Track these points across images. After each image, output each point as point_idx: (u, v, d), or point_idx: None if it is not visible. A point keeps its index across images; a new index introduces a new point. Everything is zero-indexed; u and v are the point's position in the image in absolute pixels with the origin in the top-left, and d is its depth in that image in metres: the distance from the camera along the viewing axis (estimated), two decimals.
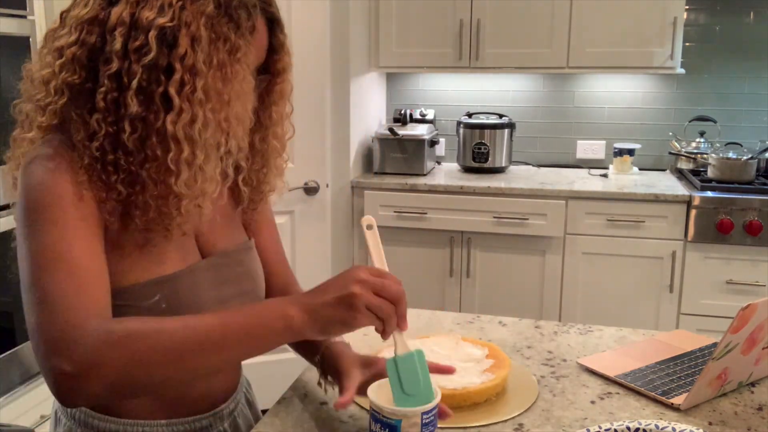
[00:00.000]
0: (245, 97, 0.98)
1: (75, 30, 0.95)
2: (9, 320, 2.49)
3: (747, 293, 2.96)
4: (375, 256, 1.02)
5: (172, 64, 0.91)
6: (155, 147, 0.93)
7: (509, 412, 1.14)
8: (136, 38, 0.91)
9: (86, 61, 0.94)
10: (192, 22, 0.92)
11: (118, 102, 0.92)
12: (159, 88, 0.91)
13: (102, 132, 0.92)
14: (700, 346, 1.40)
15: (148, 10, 0.91)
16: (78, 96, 0.94)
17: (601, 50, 3.20)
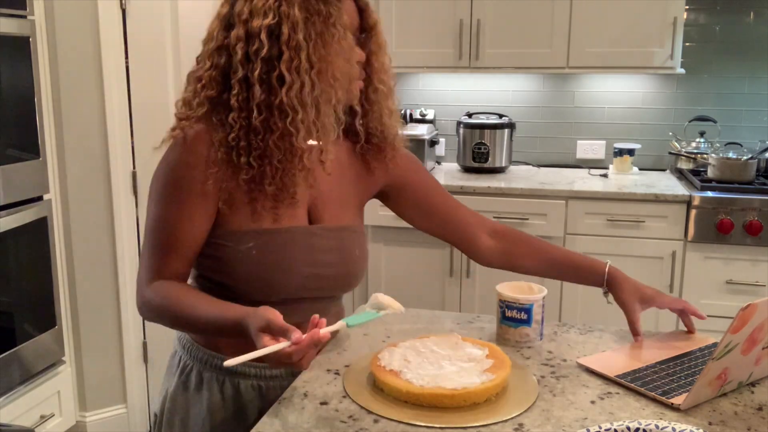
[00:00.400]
0: (346, 52, 1.20)
1: (207, 60, 1.21)
2: (9, 320, 2.49)
3: (747, 293, 2.96)
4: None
5: (280, 49, 1.14)
6: (276, 121, 1.16)
7: (509, 412, 1.14)
8: (252, 44, 1.16)
9: (220, 78, 1.19)
10: (289, 11, 1.15)
11: (247, 98, 1.16)
12: (274, 72, 1.15)
13: (237, 125, 1.17)
14: (699, 346, 1.40)
15: (256, 19, 1.15)
16: (216, 105, 1.20)
17: (601, 50, 3.20)
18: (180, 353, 1.36)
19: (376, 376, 1.21)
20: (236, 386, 1.29)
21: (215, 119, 1.19)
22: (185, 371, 1.33)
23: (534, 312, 1.40)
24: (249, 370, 1.29)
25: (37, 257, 2.60)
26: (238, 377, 1.29)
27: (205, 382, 1.30)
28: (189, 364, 1.32)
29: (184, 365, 1.33)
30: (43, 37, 2.59)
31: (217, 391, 1.29)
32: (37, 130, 2.54)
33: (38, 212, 2.56)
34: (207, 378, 1.30)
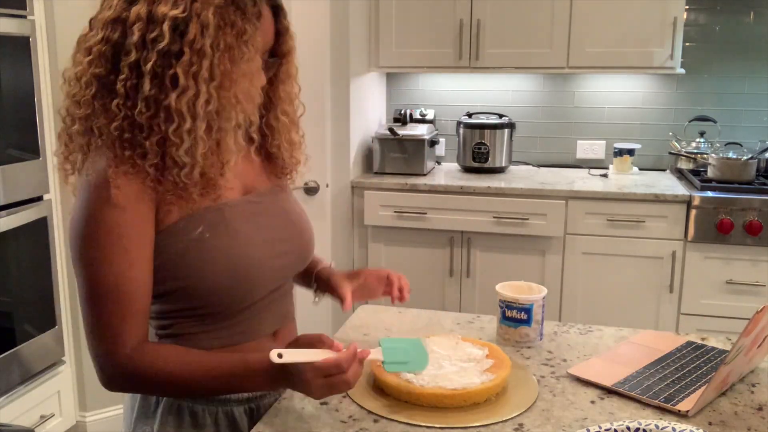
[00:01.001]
0: (252, 75, 1.11)
1: (101, 30, 1.07)
2: (9, 320, 2.49)
3: (747, 293, 2.96)
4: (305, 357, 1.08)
5: (182, 48, 1.04)
6: (161, 122, 1.05)
7: (509, 412, 1.14)
8: (152, 30, 1.03)
9: (110, 55, 1.06)
10: (202, 12, 1.04)
11: (136, 87, 1.05)
12: (170, 70, 1.04)
13: (121, 114, 1.05)
14: (677, 346, 1.40)
15: (163, 5, 1.04)
16: (103, 86, 1.07)
17: (601, 50, 3.20)
18: None
19: (376, 376, 1.21)
20: (230, 415, 1.21)
21: (97, 104, 1.07)
22: (170, 410, 1.20)
23: (534, 312, 1.40)
24: (241, 395, 1.21)
25: (37, 257, 2.60)
26: (232, 404, 1.21)
27: (199, 417, 1.19)
28: (173, 402, 1.20)
29: (168, 404, 1.20)
30: (43, 37, 2.59)
31: (212, 425, 1.20)
32: (37, 130, 2.54)
33: (38, 212, 2.56)
34: (199, 413, 1.20)
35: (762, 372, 1.30)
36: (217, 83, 1.06)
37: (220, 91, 1.07)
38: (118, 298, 1.07)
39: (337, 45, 3.12)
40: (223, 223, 1.14)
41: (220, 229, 1.13)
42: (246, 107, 1.11)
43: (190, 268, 1.11)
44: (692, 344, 1.42)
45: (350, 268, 3.37)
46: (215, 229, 1.13)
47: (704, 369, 1.30)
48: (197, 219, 1.12)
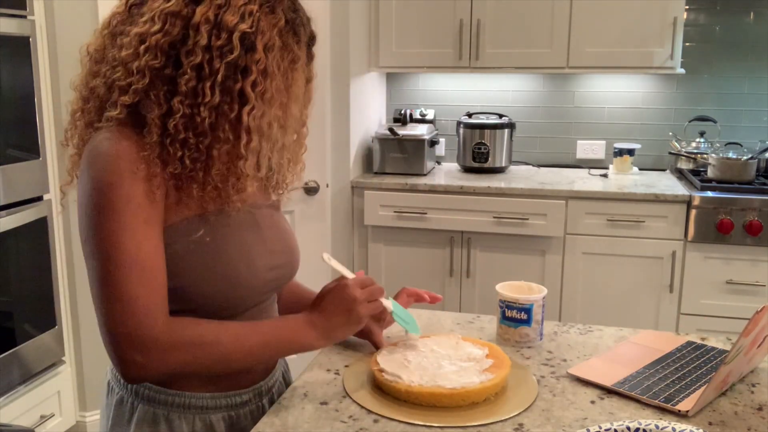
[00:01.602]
0: (299, 101, 1.16)
1: (158, 20, 1.05)
2: (9, 320, 2.49)
3: (747, 293, 2.96)
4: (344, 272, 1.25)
5: (248, 65, 1.06)
6: (228, 132, 1.07)
7: (509, 411, 1.14)
8: (219, 37, 1.04)
9: (168, 49, 1.05)
10: (267, 31, 1.07)
11: (196, 89, 1.05)
12: (237, 84, 1.06)
13: (180, 113, 1.05)
14: (677, 346, 1.40)
15: (230, 14, 1.05)
16: (157, 79, 1.06)
17: (601, 50, 3.20)
18: (129, 399, 1.18)
19: (376, 375, 1.21)
20: (208, 423, 1.18)
21: (153, 95, 1.06)
22: (145, 418, 1.16)
23: (534, 312, 1.40)
24: (220, 401, 1.19)
25: (37, 257, 2.60)
26: (209, 412, 1.18)
27: (175, 426, 1.16)
28: (148, 410, 1.16)
29: (143, 412, 1.17)
30: (43, 37, 2.59)
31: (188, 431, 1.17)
32: (37, 130, 2.54)
33: (38, 212, 2.56)
34: (176, 421, 1.16)
35: (762, 372, 1.30)
36: (277, 105, 1.10)
37: (277, 112, 1.11)
38: (143, 269, 1.04)
39: (337, 45, 3.12)
40: (225, 229, 1.14)
41: (221, 234, 1.13)
42: (291, 132, 1.17)
43: (187, 270, 1.10)
44: (692, 344, 1.42)
45: (350, 268, 3.37)
46: (216, 234, 1.13)
47: (704, 369, 1.30)
48: (200, 222, 1.12)
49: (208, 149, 1.07)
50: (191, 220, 1.11)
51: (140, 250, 1.04)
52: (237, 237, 1.16)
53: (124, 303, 1.04)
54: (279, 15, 1.09)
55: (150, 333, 1.04)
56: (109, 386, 1.23)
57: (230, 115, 1.06)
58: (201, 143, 1.07)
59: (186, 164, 1.07)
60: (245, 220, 1.18)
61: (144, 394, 1.16)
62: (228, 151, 1.08)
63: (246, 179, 1.11)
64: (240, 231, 1.17)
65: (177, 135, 1.05)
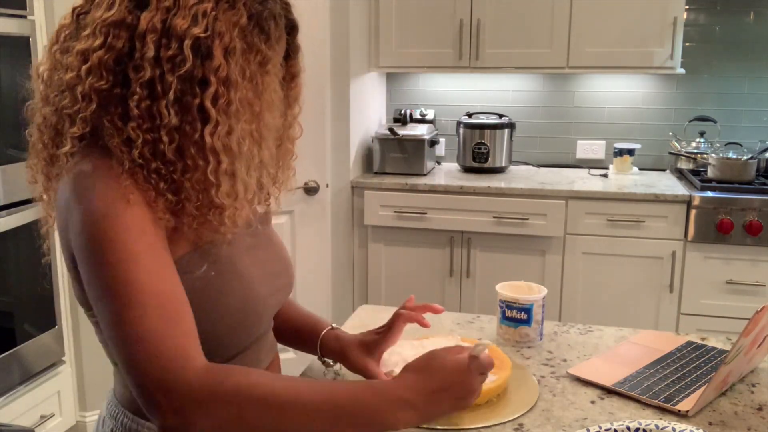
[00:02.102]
0: (274, 107, 0.99)
1: (100, 33, 0.91)
2: (9, 320, 2.49)
3: (747, 293, 2.96)
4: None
5: (206, 75, 0.90)
6: (195, 157, 0.91)
7: (511, 413, 1.14)
8: (168, 47, 0.89)
9: (114, 65, 0.91)
10: (225, 33, 0.91)
11: (151, 110, 0.90)
12: (195, 99, 0.90)
13: (140, 140, 0.90)
14: (677, 346, 1.40)
15: (180, 18, 0.89)
16: (107, 102, 0.92)
17: (601, 50, 3.20)
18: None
19: None
20: None
21: (106, 121, 0.91)
22: None
23: (534, 312, 1.40)
24: None
25: (37, 257, 2.60)
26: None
27: None
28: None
29: None
30: (43, 37, 2.59)
31: None
32: None
33: (38, 212, 2.55)
34: None
35: (762, 372, 1.30)
36: (246, 117, 0.94)
37: (248, 125, 0.94)
38: (161, 302, 0.88)
39: (337, 45, 3.12)
40: (226, 260, 1.01)
41: (223, 266, 1.00)
42: (270, 144, 1.00)
43: (194, 311, 0.93)
44: (692, 344, 1.42)
45: (350, 268, 3.38)
46: (219, 267, 1.00)
47: (704, 369, 1.30)
48: (201, 256, 0.98)
49: (180, 179, 0.92)
50: (192, 254, 0.98)
51: (154, 280, 0.88)
52: (240, 267, 1.03)
53: (146, 344, 0.86)
54: (240, 11, 0.92)
55: (182, 377, 0.85)
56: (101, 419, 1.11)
57: (194, 137, 0.90)
58: (173, 172, 0.92)
59: (169, 199, 0.93)
60: (243, 245, 1.05)
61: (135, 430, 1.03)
62: (198, 179, 0.92)
63: (225, 209, 0.94)
64: (242, 260, 1.04)
65: (148, 164, 0.91)
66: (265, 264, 1.10)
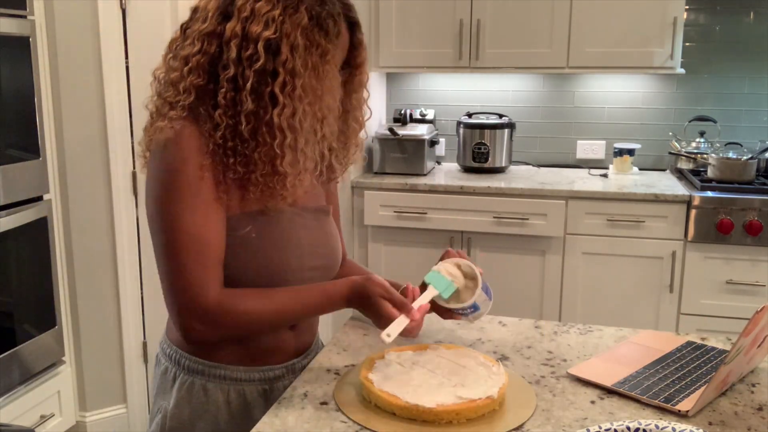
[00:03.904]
0: (334, 91, 1.21)
1: (197, 41, 1.17)
2: (9, 320, 2.49)
3: (747, 293, 2.96)
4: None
5: (276, 68, 1.14)
6: (265, 135, 1.16)
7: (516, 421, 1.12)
8: (247, 48, 1.14)
9: (208, 66, 1.17)
10: (291, 33, 1.14)
11: (234, 100, 1.15)
12: (267, 88, 1.14)
13: (224, 124, 1.16)
14: (677, 346, 1.40)
15: (255, 24, 1.13)
16: (203, 95, 1.17)
17: (601, 50, 3.20)
18: (173, 369, 1.32)
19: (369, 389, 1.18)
20: (242, 393, 1.29)
21: (202, 110, 1.18)
22: (184, 386, 1.29)
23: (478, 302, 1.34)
24: (253, 374, 1.30)
25: (37, 257, 2.60)
26: (243, 384, 1.29)
27: (210, 394, 1.28)
28: (187, 379, 1.29)
29: (183, 381, 1.30)
30: (43, 37, 2.59)
31: (224, 402, 1.29)
32: (37, 130, 2.54)
33: (38, 212, 2.56)
34: (212, 390, 1.28)
35: (762, 372, 1.30)
36: (308, 100, 1.16)
37: (310, 107, 1.17)
38: (201, 248, 1.16)
39: None
40: (270, 228, 1.25)
41: (267, 232, 1.24)
42: (331, 121, 1.22)
43: (232, 261, 1.21)
44: (692, 344, 1.42)
45: None
46: (262, 232, 1.23)
47: (704, 369, 1.30)
48: (248, 219, 1.22)
49: (251, 154, 1.17)
50: (240, 216, 1.22)
51: (200, 229, 1.16)
52: (279, 236, 1.26)
53: (182, 276, 1.16)
54: (302, 13, 1.15)
55: (204, 303, 1.16)
56: (157, 358, 1.37)
57: (265, 118, 1.15)
58: (246, 149, 1.17)
59: (238, 170, 1.18)
60: (291, 222, 1.28)
61: (185, 365, 1.29)
62: (266, 152, 1.16)
63: (287, 177, 1.18)
64: (284, 231, 1.26)
65: (226, 144, 1.16)
66: (308, 244, 1.30)
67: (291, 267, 1.27)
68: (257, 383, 1.30)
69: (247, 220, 1.22)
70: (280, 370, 1.33)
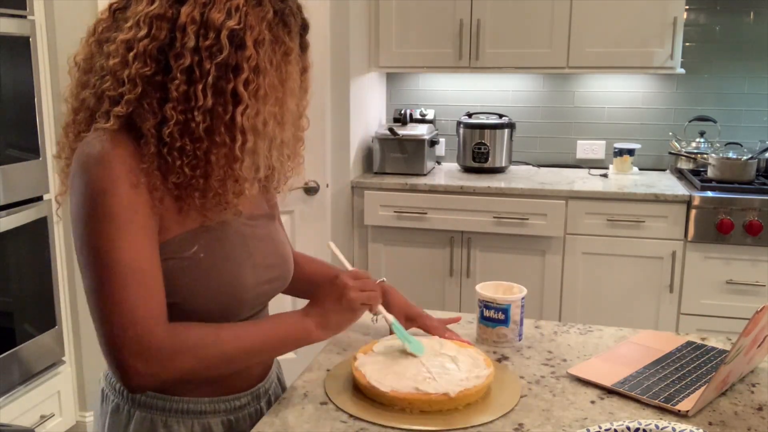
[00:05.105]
0: (295, 94, 1.12)
1: (144, 24, 1.02)
2: (9, 320, 2.49)
3: (747, 293, 2.96)
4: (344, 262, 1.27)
5: (239, 63, 1.02)
6: (223, 136, 1.03)
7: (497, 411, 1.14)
8: (206, 37, 1.01)
9: (156, 54, 1.02)
10: (255, 26, 1.03)
11: (188, 93, 1.01)
12: (229, 84, 1.02)
13: (173, 120, 1.01)
14: (677, 346, 1.41)
15: (216, 11, 1.01)
16: (148, 87, 1.02)
17: (601, 50, 3.20)
18: (125, 406, 1.16)
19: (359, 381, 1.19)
20: (207, 427, 1.16)
21: (146, 104, 1.02)
22: (142, 425, 1.14)
23: (512, 312, 1.40)
24: (219, 405, 1.17)
25: (37, 257, 2.60)
26: (209, 416, 1.17)
27: (173, 431, 1.14)
28: (145, 416, 1.14)
29: (140, 419, 1.14)
30: (43, 37, 2.59)
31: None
32: (37, 130, 2.54)
33: (38, 212, 2.56)
34: (174, 426, 1.14)
35: (762, 372, 1.30)
36: (272, 101, 1.06)
37: (273, 108, 1.06)
38: (141, 279, 1.01)
39: (337, 45, 3.12)
40: (218, 244, 1.11)
41: (214, 250, 1.11)
42: (290, 126, 1.12)
43: (180, 287, 1.07)
44: (692, 344, 1.42)
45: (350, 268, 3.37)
46: (210, 250, 1.10)
47: (704, 369, 1.30)
48: (192, 237, 1.09)
49: (206, 155, 1.03)
50: (185, 236, 1.08)
51: (138, 258, 1.01)
52: (230, 253, 1.13)
53: (123, 311, 1.00)
54: (266, 7, 1.05)
55: (152, 340, 1.01)
56: (104, 393, 1.21)
57: (225, 117, 1.02)
58: (198, 149, 1.03)
59: (185, 172, 1.03)
60: (239, 235, 1.15)
61: (141, 401, 1.14)
62: (225, 154, 1.04)
63: (244, 182, 1.07)
64: (233, 247, 1.13)
65: (174, 143, 1.02)
66: (259, 255, 1.18)
67: (247, 284, 1.14)
68: (222, 414, 1.18)
69: (191, 239, 1.08)
70: (245, 398, 1.21)
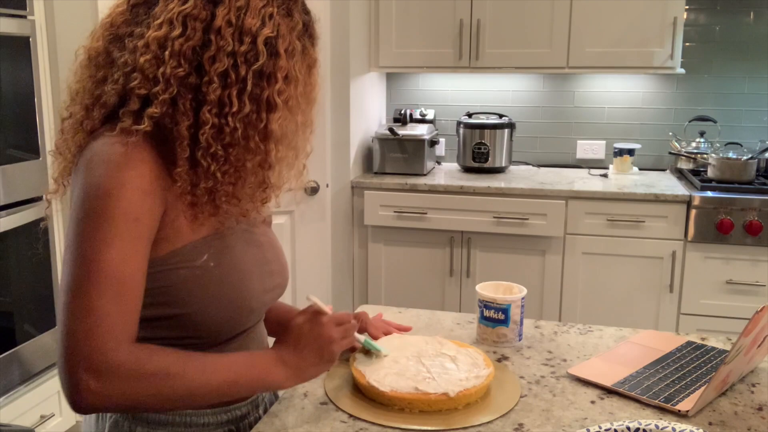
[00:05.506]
0: (316, 105, 1.12)
1: (177, 23, 0.98)
2: (9, 320, 2.49)
3: (747, 293, 2.96)
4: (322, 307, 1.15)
5: (273, 72, 1.01)
6: (257, 143, 1.02)
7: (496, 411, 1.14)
8: (242, 42, 0.99)
9: (191, 55, 0.99)
10: (287, 35, 1.03)
11: (222, 98, 0.99)
12: (263, 92, 1.00)
13: (209, 124, 0.99)
14: (677, 346, 1.41)
15: (251, 17, 0.99)
16: (183, 88, 0.99)
17: (601, 50, 3.20)
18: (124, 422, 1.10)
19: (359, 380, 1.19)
20: None
21: (181, 104, 0.99)
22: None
23: (512, 312, 1.40)
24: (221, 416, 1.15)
25: (37, 257, 2.60)
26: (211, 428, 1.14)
27: None
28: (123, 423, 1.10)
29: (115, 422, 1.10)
30: (43, 37, 2.59)
31: None
32: (37, 130, 2.54)
33: (38, 212, 2.56)
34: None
35: (762, 372, 1.30)
36: (300, 111, 1.07)
37: (301, 118, 1.08)
38: (120, 290, 0.95)
39: (337, 45, 3.12)
40: (226, 253, 1.08)
41: (223, 258, 1.07)
42: (310, 137, 1.12)
43: (193, 297, 1.04)
44: (692, 344, 1.42)
45: (350, 268, 3.38)
46: (219, 259, 1.07)
47: (704, 369, 1.30)
48: (203, 245, 1.06)
49: (238, 161, 1.01)
50: (195, 244, 1.05)
51: (123, 267, 0.95)
52: (238, 261, 1.10)
53: (92, 318, 0.93)
54: (296, 18, 1.05)
55: (112, 356, 0.93)
56: None
57: (259, 125, 1.01)
58: (230, 155, 1.01)
59: (217, 178, 1.01)
60: (242, 240, 1.13)
61: (142, 416, 1.09)
62: (260, 162, 1.04)
63: (273, 190, 1.09)
64: (242, 254, 1.11)
65: (209, 148, 0.99)
66: (263, 262, 1.16)
67: (255, 292, 1.12)
68: (225, 425, 1.15)
69: (202, 247, 1.05)
70: (246, 407, 1.18)
